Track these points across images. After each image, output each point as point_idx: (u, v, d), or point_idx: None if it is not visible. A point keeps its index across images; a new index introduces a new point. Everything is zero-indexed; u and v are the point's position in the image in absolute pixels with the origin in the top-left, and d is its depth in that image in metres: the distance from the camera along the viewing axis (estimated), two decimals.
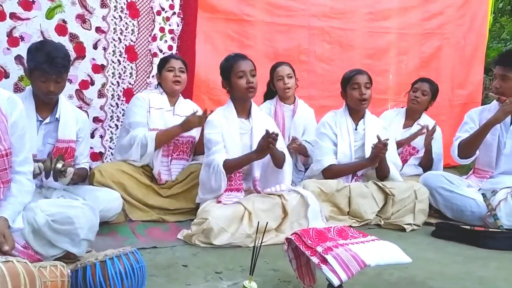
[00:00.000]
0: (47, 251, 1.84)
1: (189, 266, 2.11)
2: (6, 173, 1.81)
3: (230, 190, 2.62)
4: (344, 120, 3.15)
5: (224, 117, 2.73)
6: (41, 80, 2.31)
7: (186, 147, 3.11)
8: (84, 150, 2.64)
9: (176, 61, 3.10)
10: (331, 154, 3.08)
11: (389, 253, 1.71)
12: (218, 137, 2.66)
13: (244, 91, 2.66)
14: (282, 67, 3.58)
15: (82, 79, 3.36)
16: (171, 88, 3.09)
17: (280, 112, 3.57)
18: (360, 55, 4.61)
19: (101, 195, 2.52)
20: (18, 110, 1.87)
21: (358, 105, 3.09)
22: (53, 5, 3.18)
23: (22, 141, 1.88)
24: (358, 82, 3.05)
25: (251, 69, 2.67)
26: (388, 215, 2.92)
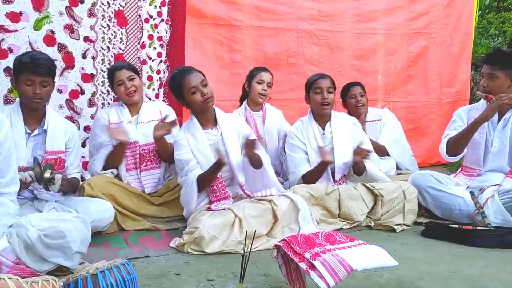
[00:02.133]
0: (39, 266, 1.84)
1: (181, 274, 2.13)
2: None
3: (218, 200, 2.64)
4: (310, 127, 3.18)
5: (189, 133, 2.71)
6: (27, 84, 2.35)
7: (154, 155, 3.03)
8: (74, 160, 2.66)
9: (120, 72, 2.97)
10: (305, 163, 3.12)
11: (376, 257, 1.74)
12: (188, 155, 2.66)
13: (202, 104, 2.64)
14: (267, 73, 3.60)
15: (72, 89, 3.38)
16: (128, 101, 3.03)
17: (251, 120, 3.56)
18: (349, 57, 4.66)
19: (92, 206, 2.54)
20: (4, 131, 1.84)
21: (320, 109, 3.12)
22: (40, 16, 3.20)
23: (8, 163, 1.85)
24: (320, 86, 3.09)
25: (201, 80, 2.63)
26: (378, 216, 2.95)
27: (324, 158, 2.98)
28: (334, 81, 3.17)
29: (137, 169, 2.98)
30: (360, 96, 3.83)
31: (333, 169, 3.12)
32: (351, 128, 3.20)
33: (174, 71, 2.76)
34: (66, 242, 1.86)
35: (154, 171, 3.03)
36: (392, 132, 3.82)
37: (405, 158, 3.87)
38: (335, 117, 3.21)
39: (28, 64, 2.33)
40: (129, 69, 3.02)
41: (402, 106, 4.86)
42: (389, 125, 3.83)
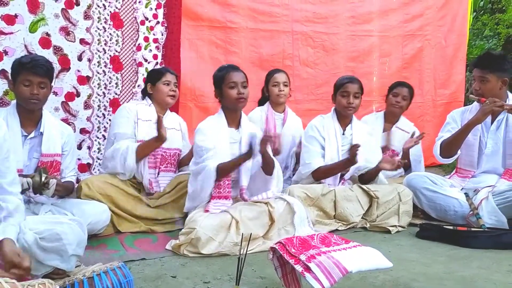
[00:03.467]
0: (36, 269, 1.84)
1: (177, 277, 2.13)
2: None
3: (218, 197, 2.66)
4: (332, 124, 3.20)
5: (214, 126, 2.76)
6: (25, 84, 2.37)
7: (174, 159, 3.12)
8: (70, 163, 2.66)
9: (171, 76, 3.11)
10: (319, 157, 3.13)
11: (371, 259, 1.76)
12: (209, 144, 2.69)
13: (234, 101, 2.71)
14: (280, 74, 3.67)
15: (67, 91, 3.37)
16: (165, 102, 3.09)
17: (271, 119, 3.63)
18: (344, 59, 4.69)
19: (88, 208, 2.54)
20: (1, 133, 1.85)
21: (344, 111, 3.16)
22: (36, 18, 3.18)
23: (8, 164, 1.86)
24: (348, 90, 3.11)
25: (242, 80, 2.73)
26: (373, 218, 2.97)
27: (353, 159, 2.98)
28: (362, 85, 3.18)
29: (156, 169, 3.03)
30: (402, 99, 3.79)
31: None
32: (366, 137, 3.22)
33: (223, 65, 2.91)
34: (62, 245, 1.87)
35: (170, 174, 3.10)
36: (416, 150, 3.72)
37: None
38: (356, 122, 3.26)
39: (27, 64, 2.36)
40: (176, 77, 3.17)
41: None
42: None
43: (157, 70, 3.24)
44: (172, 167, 3.13)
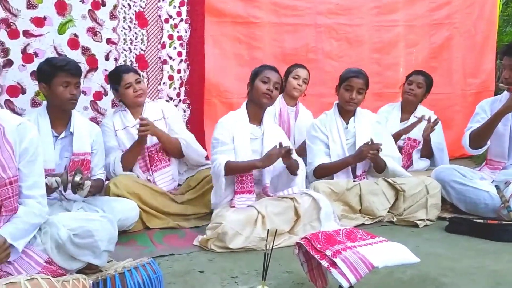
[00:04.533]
0: (70, 265, 1.91)
1: (205, 272, 2.18)
2: (11, 201, 1.82)
3: (242, 192, 2.68)
4: (334, 120, 3.17)
5: (235, 121, 2.78)
6: (63, 85, 2.46)
7: (161, 154, 3.07)
8: (99, 161, 2.74)
9: (128, 75, 3.00)
10: (322, 156, 3.11)
11: (397, 254, 1.75)
12: (227, 139, 2.71)
13: (261, 94, 2.71)
14: (303, 70, 3.71)
15: (96, 90, 3.46)
16: (135, 102, 3.05)
17: (285, 113, 3.65)
18: (369, 50, 4.62)
19: (118, 206, 2.61)
20: (29, 137, 1.89)
21: (345, 105, 3.13)
22: (64, 20, 3.27)
23: (32, 167, 1.89)
24: (351, 85, 3.07)
25: (276, 81, 2.74)
26: (400, 211, 2.94)
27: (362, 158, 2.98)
28: (368, 80, 3.14)
29: (149, 171, 3.04)
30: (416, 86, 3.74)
31: (355, 164, 3.11)
32: (373, 125, 3.18)
33: (265, 63, 2.92)
34: (94, 241, 1.93)
35: (165, 170, 3.08)
36: (438, 138, 3.71)
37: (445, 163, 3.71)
38: (359, 113, 3.20)
39: (64, 66, 2.44)
40: (135, 72, 3.09)
41: (425, 98, 4.79)
42: (437, 130, 3.70)
43: (113, 73, 3.09)
44: (164, 162, 3.08)
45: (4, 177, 1.79)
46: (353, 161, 3.04)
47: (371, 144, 2.92)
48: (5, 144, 1.81)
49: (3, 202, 1.80)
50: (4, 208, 1.80)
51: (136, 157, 2.99)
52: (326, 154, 3.12)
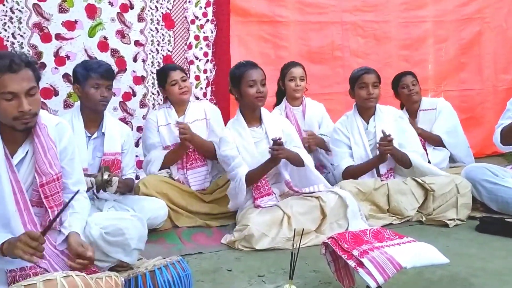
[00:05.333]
0: (102, 263, 1.98)
1: (233, 270, 2.20)
2: (59, 195, 1.92)
3: (261, 196, 2.68)
4: (354, 122, 3.14)
5: (235, 130, 2.77)
6: (94, 87, 2.55)
7: (197, 153, 3.11)
8: (130, 161, 2.81)
9: (175, 73, 3.08)
10: (347, 157, 3.09)
11: (426, 254, 1.73)
12: (234, 151, 2.71)
13: (253, 100, 2.68)
14: (297, 68, 3.58)
15: (124, 91, 3.54)
16: (180, 100, 3.12)
17: (291, 116, 3.57)
18: (396, 47, 4.57)
19: (147, 205, 2.67)
20: (67, 136, 2.00)
21: (365, 103, 3.08)
22: (94, 23, 3.35)
23: (73, 165, 2.01)
24: (365, 81, 3.04)
25: (261, 78, 2.69)
26: (430, 211, 2.89)
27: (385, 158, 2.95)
28: (379, 74, 3.12)
29: (183, 169, 3.09)
30: (412, 85, 3.70)
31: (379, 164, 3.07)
32: (396, 121, 3.14)
33: (240, 62, 2.84)
34: (125, 239, 1.99)
35: (200, 169, 3.12)
36: (447, 121, 3.68)
37: (461, 149, 3.71)
38: (379, 111, 3.16)
39: (97, 69, 2.53)
40: (182, 70, 3.16)
41: (454, 95, 4.69)
42: (445, 114, 3.69)
43: (161, 71, 3.21)
44: (199, 162, 3.11)
45: (51, 173, 1.89)
46: (378, 162, 3.01)
47: (383, 137, 2.88)
48: (50, 142, 1.91)
49: (53, 196, 1.90)
50: (54, 202, 1.90)
51: (178, 160, 3.06)
52: (351, 156, 3.10)
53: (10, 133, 1.83)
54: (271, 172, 2.73)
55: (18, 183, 1.84)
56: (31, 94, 1.77)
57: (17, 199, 1.84)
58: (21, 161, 1.88)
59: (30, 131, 1.87)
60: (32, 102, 1.77)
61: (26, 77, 1.76)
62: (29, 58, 1.82)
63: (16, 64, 1.73)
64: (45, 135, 1.89)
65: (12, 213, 1.82)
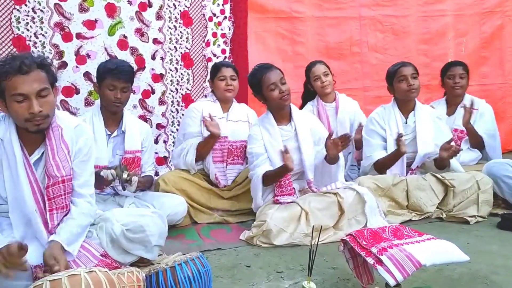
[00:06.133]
0: (123, 258, 2.01)
1: (252, 266, 2.22)
2: (62, 199, 1.92)
3: (282, 195, 2.69)
4: (393, 114, 3.12)
5: (264, 128, 2.78)
6: (109, 88, 2.57)
7: (240, 151, 3.18)
8: (149, 158, 2.85)
9: (227, 69, 3.17)
10: (381, 149, 3.07)
11: (446, 252, 1.72)
12: (260, 149, 2.74)
13: (278, 101, 2.70)
14: (317, 67, 3.58)
15: (144, 89, 3.58)
16: (223, 96, 3.18)
17: (323, 112, 3.58)
18: (415, 41, 4.51)
19: (167, 201, 2.70)
20: (84, 138, 2.01)
21: (407, 96, 3.05)
22: (114, 22, 3.40)
23: (85, 166, 2.00)
24: (404, 74, 3.02)
25: (280, 77, 2.69)
26: (450, 208, 2.87)
27: (402, 149, 2.92)
28: (415, 67, 3.09)
29: (223, 163, 3.13)
30: (460, 78, 3.60)
31: (412, 158, 3.06)
32: (434, 121, 3.11)
33: (254, 68, 2.85)
34: (145, 236, 2.01)
35: (238, 166, 3.19)
36: (489, 124, 3.57)
37: (497, 154, 3.58)
38: (419, 107, 3.14)
39: (113, 70, 2.55)
40: (234, 69, 3.22)
41: (475, 90, 4.57)
42: (487, 116, 3.58)
43: (214, 65, 3.30)
44: (239, 159, 3.19)
45: (57, 176, 1.90)
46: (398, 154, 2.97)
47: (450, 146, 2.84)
48: (62, 144, 1.92)
49: (55, 199, 1.91)
50: (56, 205, 1.91)
51: (210, 150, 3.08)
52: (384, 148, 3.08)
53: (27, 135, 1.87)
54: (297, 169, 2.74)
55: (37, 183, 1.87)
56: (42, 95, 1.78)
57: (37, 198, 1.87)
58: (38, 161, 1.91)
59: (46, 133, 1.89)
60: (43, 103, 1.78)
61: (37, 78, 1.77)
62: (42, 60, 1.83)
63: (26, 65, 1.75)
64: (57, 138, 1.90)
65: (31, 212, 1.85)
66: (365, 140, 3.18)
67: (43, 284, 1.36)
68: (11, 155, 1.84)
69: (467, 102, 3.53)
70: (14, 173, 1.84)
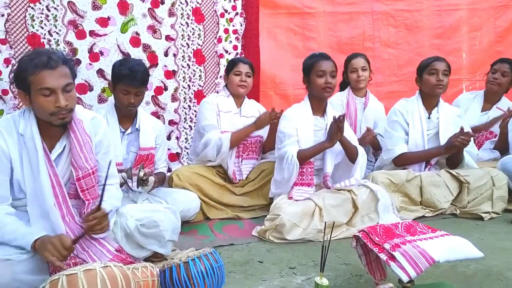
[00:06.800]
0: (138, 253, 2.04)
1: (264, 262, 2.23)
2: (94, 189, 1.98)
3: (301, 184, 2.71)
4: (416, 108, 3.09)
5: (299, 113, 2.82)
6: (123, 93, 2.57)
7: (255, 146, 3.23)
8: (162, 155, 2.87)
9: (243, 66, 3.18)
10: (403, 143, 3.05)
11: (459, 248, 1.70)
12: (292, 131, 2.76)
13: (321, 90, 2.73)
14: (357, 59, 3.61)
15: (156, 86, 3.60)
16: (236, 91, 3.19)
17: (352, 104, 3.60)
18: (428, 36, 4.47)
19: (180, 197, 2.72)
20: (102, 130, 2.05)
21: (433, 90, 3.02)
22: (126, 19, 3.42)
23: (108, 158, 2.05)
24: (436, 68, 3.00)
25: (332, 70, 2.73)
26: (464, 204, 2.85)
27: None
28: (449, 65, 3.07)
29: (239, 158, 3.16)
30: (502, 76, 3.57)
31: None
32: (454, 120, 3.08)
33: (315, 52, 2.90)
34: (159, 231, 2.04)
35: (252, 161, 3.22)
36: None
37: None
38: (442, 104, 3.12)
39: (127, 76, 2.52)
40: (250, 67, 3.23)
41: None
42: None
43: (232, 60, 3.33)
44: (254, 154, 3.23)
45: (87, 167, 1.95)
46: (444, 152, 2.96)
47: (465, 132, 2.82)
48: (86, 136, 1.96)
49: (89, 190, 1.96)
50: (90, 196, 1.96)
51: (243, 139, 3.13)
52: (405, 142, 3.06)
53: (48, 129, 1.90)
54: (318, 164, 2.75)
55: (57, 177, 1.91)
56: (67, 90, 1.82)
57: (56, 192, 1.90)
58: (59, 155, 1.94)
59: (66, 127, 1.93)
60: (68, 98, 1.82)
61: (63, 73, 1.82)
62: (66, 56, 1.88)
63: (54, 60, 1.79)
64: (81, 130, 1.95)
65: (50, 206, 1.88)
66: (387, 133, 3.16)
67: (59, 279, 1.38)
68: (32, 150, 1.87)
69: (505, 106, 3.49)
70: (35, 168, 1.87)
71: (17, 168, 1.87)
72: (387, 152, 3.10)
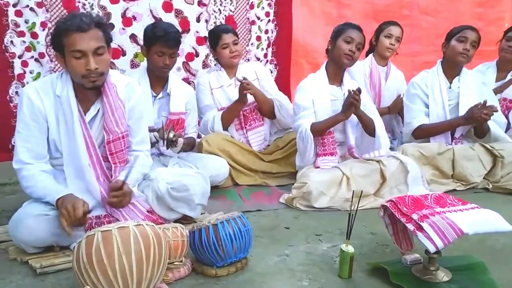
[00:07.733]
0: (168, 215, 2.10)
1: (291, 228, 2.26)
2: (123, 153, 2.03)
3: (324, 154, 2.69)
4: (437, 78, 3.01)
5: (315, 83, 2.77)
6: (158, 54, 2.60)
7: (255, 114, 3.16)
8: (192, 120, 2.91)
9: (227, 36, 3.06)
10: (422, 116, 3.00)
11: (489, 222, 1.68)
12: (308, 102, 2.73)
13: (342, 55, 2.68)
14: (397, 28, 3.55)
15: (188, 52, 3.60)
16: (230, 63, 3.12)
17: (375, 73, 3.55)
18: (470, 4, 4.29)
19: (210, 162, 2.76)
20: (136, 96, 2.09)
21: (456, 58, 2.93)
22: None
23: (139, 124, 2.10)
24: (466, 36, 2.90)
25: (360, 41, 2.68)
26: (497, 178, 2.79)
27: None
28: (480, 38, 2.96)
29: (243, 129, 3.15)
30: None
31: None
32: (479, 88, 2.99)
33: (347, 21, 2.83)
34: (189, 195, 2.09)
35: (259, 129, 3.18)
36: None
37: None
38: (465, 73, 3.03)
39: (162, 37, 2.55)
40: (234, 33, 3.15)
41: None
42: None
43: (212, 33, 3.19)
44: (258, 122, 3.17)
45: (117, 132, 2.00)
46: (463, 122, 2.90)
47: (487, 106, 2.75)
48: (118, 101, 2.01)
49: (117, 153, 2.02)
50: (118, 159, 2.02)
51: (235, 116, 3.10)
52: (426, 114, 3.00)
53: (83, 92, 1.95)
54: (340, 137, 2.73)
55: (91, 139, 1.96)
56: (99, 53, 1.85)
57: (90, 153, 1.96)
58: (93, 118, 2.00)
59: (101, 90, 1.96)
60: (99, 61, 1.84)
61: (95, 36, 1.84)
62: (100, 19, 1.90)
63: (86, 23, 1.81)
64: (113, 95, 1.98)
65: (85, 166, 1.95)
66: (406, 106, 3.11)
67: (95, 234, 1.44)
68: (67, 111, 1.93)
69: None
70: (70, 129, 1.93)
71: (53, 128, 1.94)
72: (406, 125, 3.06)
